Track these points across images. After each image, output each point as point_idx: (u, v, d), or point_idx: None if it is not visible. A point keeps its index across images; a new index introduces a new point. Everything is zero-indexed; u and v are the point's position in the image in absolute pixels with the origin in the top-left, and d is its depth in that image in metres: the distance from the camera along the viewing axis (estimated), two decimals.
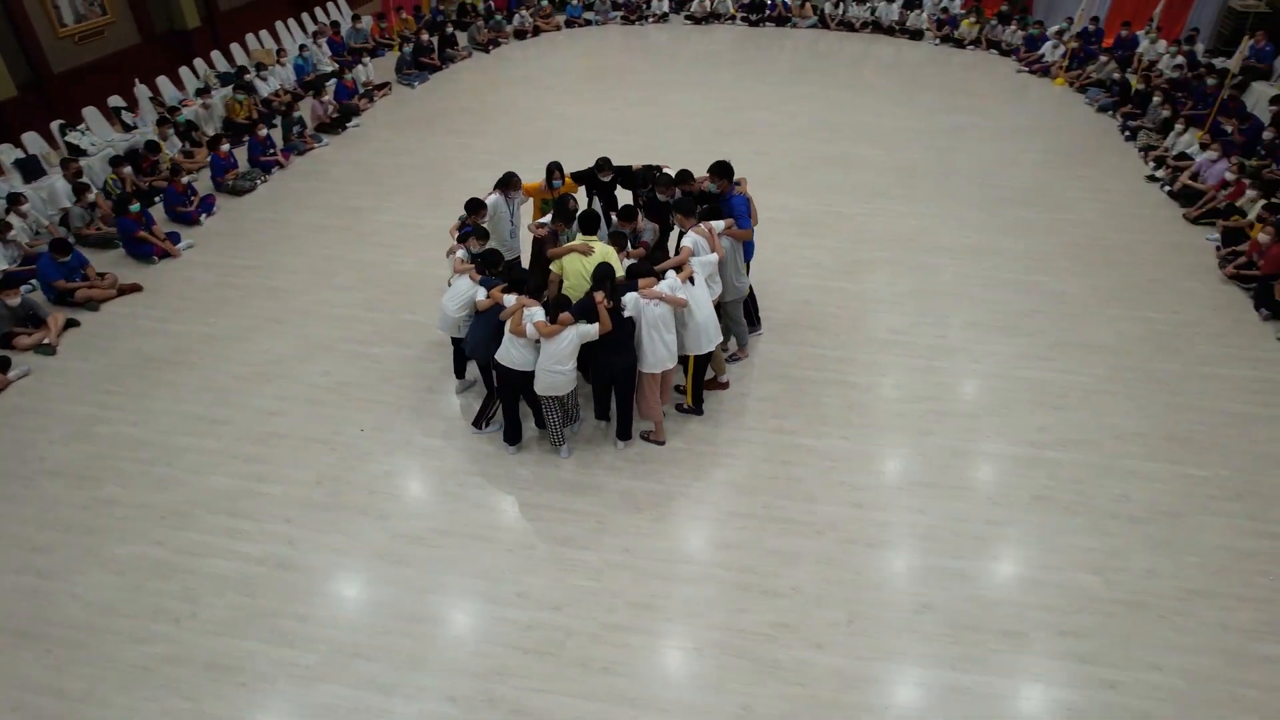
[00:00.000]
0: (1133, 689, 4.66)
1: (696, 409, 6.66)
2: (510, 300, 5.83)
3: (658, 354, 5.87)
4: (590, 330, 5.64)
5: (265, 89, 13.09)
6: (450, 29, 15.72)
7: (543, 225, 6.70)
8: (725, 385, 6.93)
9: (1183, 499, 5.93)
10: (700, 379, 6.50)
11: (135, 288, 8.41)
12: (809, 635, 4.97)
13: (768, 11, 18.35)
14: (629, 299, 5.75)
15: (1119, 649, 4.88)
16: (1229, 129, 11.64)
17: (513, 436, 6.27)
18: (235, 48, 13.97)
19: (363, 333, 7.71)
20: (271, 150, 11.06)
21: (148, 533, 5.63)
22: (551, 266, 6.41)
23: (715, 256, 6.21)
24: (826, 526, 5.70)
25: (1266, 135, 10.80)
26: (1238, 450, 6.38)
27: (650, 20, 18.52)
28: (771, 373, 7.19)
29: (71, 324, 7.85)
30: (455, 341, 6.61)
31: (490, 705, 4.57)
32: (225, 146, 10.44)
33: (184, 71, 12.79)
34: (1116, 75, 13.47)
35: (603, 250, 6.22)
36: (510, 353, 5.76)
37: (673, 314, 5.89)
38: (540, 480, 6.09)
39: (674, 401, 6.64)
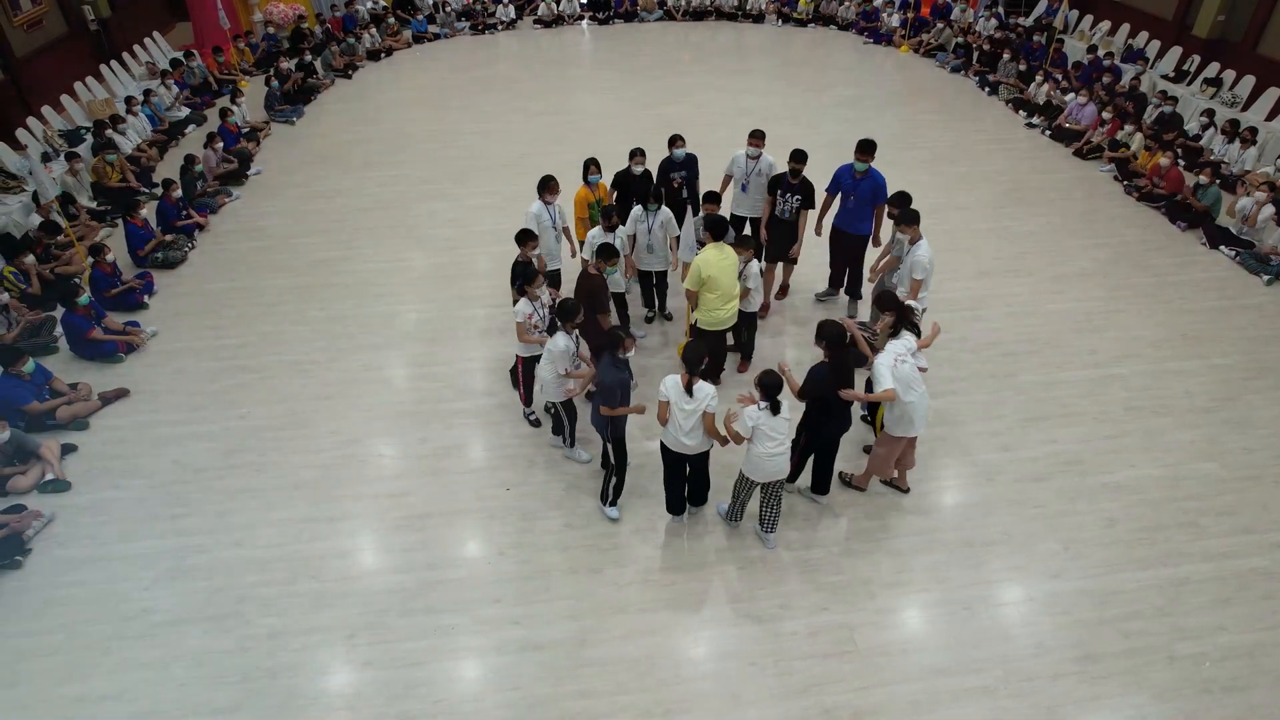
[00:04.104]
0: None
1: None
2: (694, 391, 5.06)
3: (920, 412, 5.39)
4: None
5: (127, 145, 11.34)
6: (309, 56, 14.42)
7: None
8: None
9: (1225, 385, 7.10)
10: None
11: (122, 393, 7.12)
12: (1041, 569, 5.45)
13: (614, 9, 18.60)
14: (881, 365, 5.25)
15: (1265, 515, 5.83)
16: (1058, 77, 13.68)
17: (677, 508, 5.77)
18: (67, 100, 11.92)
19: (433, 391, 7.11)
20: (186, 212, 9.67)
21: (344, 655, 4.94)
22: (687, 285, 6.32)
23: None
24: (993, 472, 6.22)
25: (1106, 80, 12.83)
26: (1234, 337, 7.72)
27: (499, 28, 18.09)
28: None
29: (68, 449, 6.53)
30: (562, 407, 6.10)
31: (829, 717, 4.59)
32: (143, 213, 8.99)
33: (21, 133, 10.73)
34: (960, 40, 15.21)
35: (728, 257, 6.23)
36: (681, 440, 5.16)
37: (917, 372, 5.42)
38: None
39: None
